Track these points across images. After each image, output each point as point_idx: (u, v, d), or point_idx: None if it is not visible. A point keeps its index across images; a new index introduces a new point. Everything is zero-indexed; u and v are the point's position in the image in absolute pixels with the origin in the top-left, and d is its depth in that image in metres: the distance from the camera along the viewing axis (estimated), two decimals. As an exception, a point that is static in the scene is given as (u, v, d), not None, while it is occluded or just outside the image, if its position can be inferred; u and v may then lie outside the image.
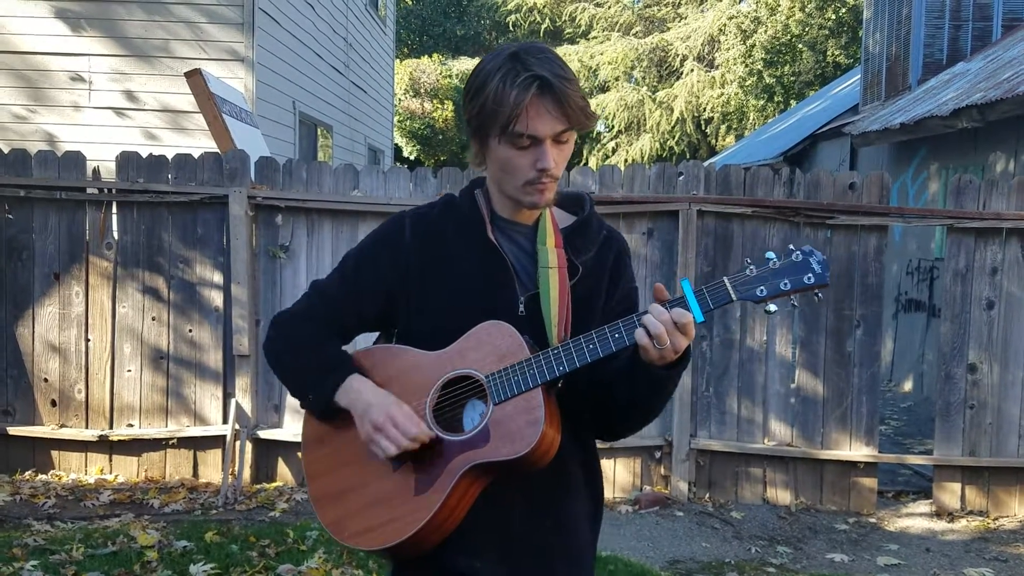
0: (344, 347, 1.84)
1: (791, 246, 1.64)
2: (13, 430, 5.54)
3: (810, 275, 1.59)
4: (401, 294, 1.80)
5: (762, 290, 1.59)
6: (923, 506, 5.58)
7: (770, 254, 1.61)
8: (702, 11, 26.71)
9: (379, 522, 1.71)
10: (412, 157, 25.86)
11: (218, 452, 5.55)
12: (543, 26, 28.49)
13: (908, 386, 9.40)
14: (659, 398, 1.71)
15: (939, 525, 5.31)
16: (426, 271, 1.78)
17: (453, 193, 1.88)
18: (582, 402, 1.74)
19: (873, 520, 5.37)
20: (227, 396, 5.56)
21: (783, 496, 5.56)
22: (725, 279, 1.60)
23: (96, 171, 5.62)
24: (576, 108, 1.66)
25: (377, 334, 1.92)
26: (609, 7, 27.81)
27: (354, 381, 1.75)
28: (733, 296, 1.59)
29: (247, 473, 5.52)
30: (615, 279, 1.82)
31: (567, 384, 1.68)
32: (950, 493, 5.50)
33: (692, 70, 25.20)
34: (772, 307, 1.61)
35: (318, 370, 1.78)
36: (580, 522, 1.83)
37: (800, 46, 22.61)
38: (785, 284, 1.59)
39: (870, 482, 5.54)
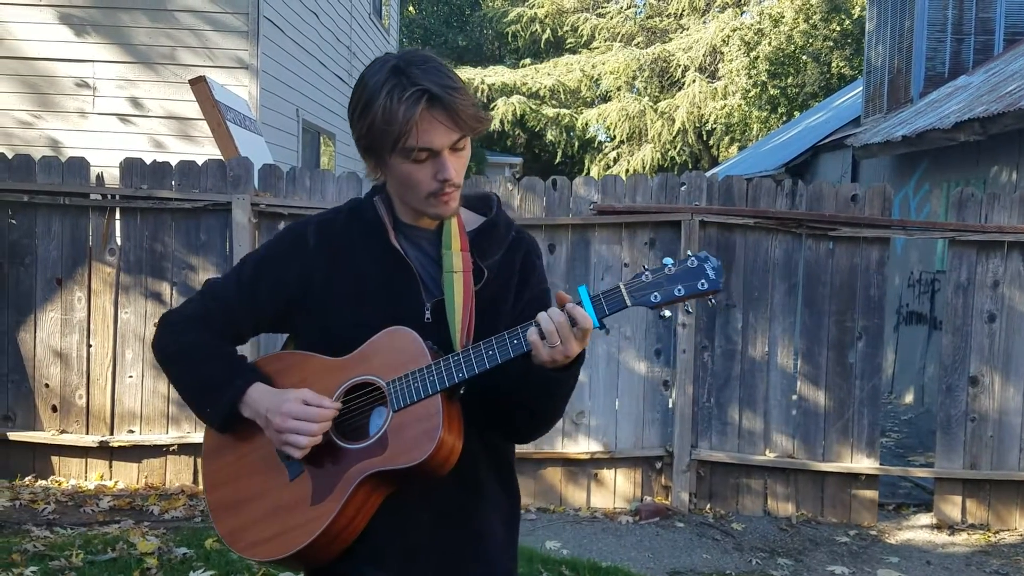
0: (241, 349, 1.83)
1: (689, 251, 1.65)
2: (13, 435, 5.53)
3: (703, 281, 1.60)
4: (303, 302, 1.77)
5: (656, 296, 1.60)
6: (924, 519, 5.57)
7: (667, 260, 1.62)
8: (704, 22, 26.77)
9: (274, 532, 1.69)
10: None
11: (219, 459, 5.54)
12: (544, 36, 28.53)
13: (909, 398, 9.39)
14: (552, 401, 1.70)
15: (940, 538, 5.30)
16: (331, 279, 1.76)
17: (360, 198, 1.85)
18: (484, 405, 1.72)
19: (874, 532, 5.36)
20: (228, 403, 5.55)
21: (784, 508, 5.56)
22: (621, 285, 1.61)
23: (100, 177, 5.63)
24: (467, 117, 1.63)
25: (286, 336, 1.90)
26: (611, 17, 27.84)
27: (252, 392, 1.72)
28: (628, 302, 1.60)
29: (247, 480, 5.51)
30: (524, 281, 1.80)
31: (471, 388, 1.66)
32: (951, 506, 5.49)
33: (694, 81, 25.25)
34: (667, 312, 1.62)
35: (214, 384, 1.75)
36: (494, 526, 1.80)
37: (804, 57, 22.64)
38: (679, 290, 1.60)
39: (871, 494, 5.53)
